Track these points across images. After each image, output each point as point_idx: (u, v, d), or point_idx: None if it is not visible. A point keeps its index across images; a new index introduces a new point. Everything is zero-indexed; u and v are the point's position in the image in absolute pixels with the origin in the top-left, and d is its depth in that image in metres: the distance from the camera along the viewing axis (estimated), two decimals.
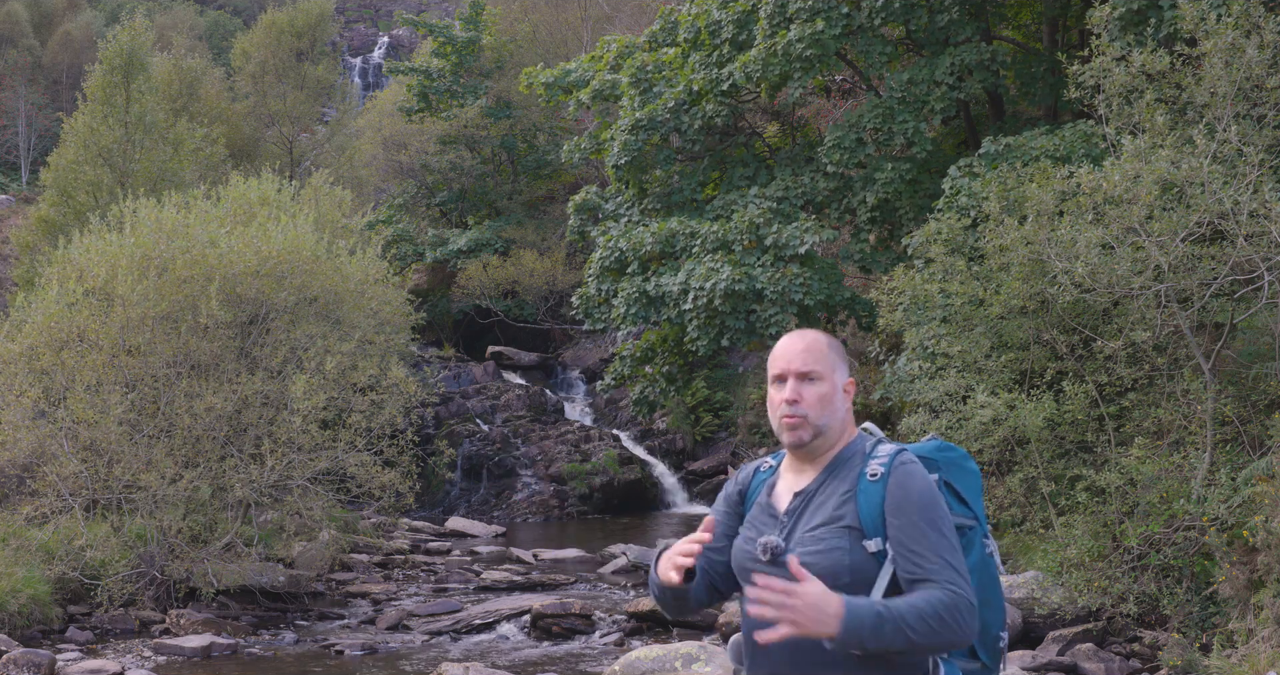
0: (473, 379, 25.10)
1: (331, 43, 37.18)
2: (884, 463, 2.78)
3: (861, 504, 2.75)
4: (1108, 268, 9.94)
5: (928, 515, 2.71)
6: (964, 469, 2.90)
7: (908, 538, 2.69)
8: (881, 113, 15.05)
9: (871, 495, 2.75)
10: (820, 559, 2.72)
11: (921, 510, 2.71)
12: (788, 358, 2.85)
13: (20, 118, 42.21)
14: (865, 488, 2.76)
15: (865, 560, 2.72)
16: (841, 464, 2.84)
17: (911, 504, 2.72)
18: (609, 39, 21.22)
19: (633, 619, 12.24)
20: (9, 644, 10.93)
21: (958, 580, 2.66)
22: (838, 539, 2.74)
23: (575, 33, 32.97)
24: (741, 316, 14.97)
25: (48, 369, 13.23)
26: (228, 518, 13.22)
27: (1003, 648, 2.89)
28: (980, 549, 2.86)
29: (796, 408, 2.81)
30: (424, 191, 31.03)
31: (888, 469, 2.77)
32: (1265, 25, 9.96)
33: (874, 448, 2.85)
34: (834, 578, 2.69)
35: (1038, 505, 11.07)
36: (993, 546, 2.90)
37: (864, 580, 2.71)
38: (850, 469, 2.82)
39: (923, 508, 2.72)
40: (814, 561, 2.71)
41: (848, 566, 2.71)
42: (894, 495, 2.73)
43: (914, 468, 2.78)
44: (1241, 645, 8.74)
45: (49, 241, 20.00)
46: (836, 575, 2.70)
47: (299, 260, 14.12)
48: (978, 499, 2.91)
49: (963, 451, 2.94)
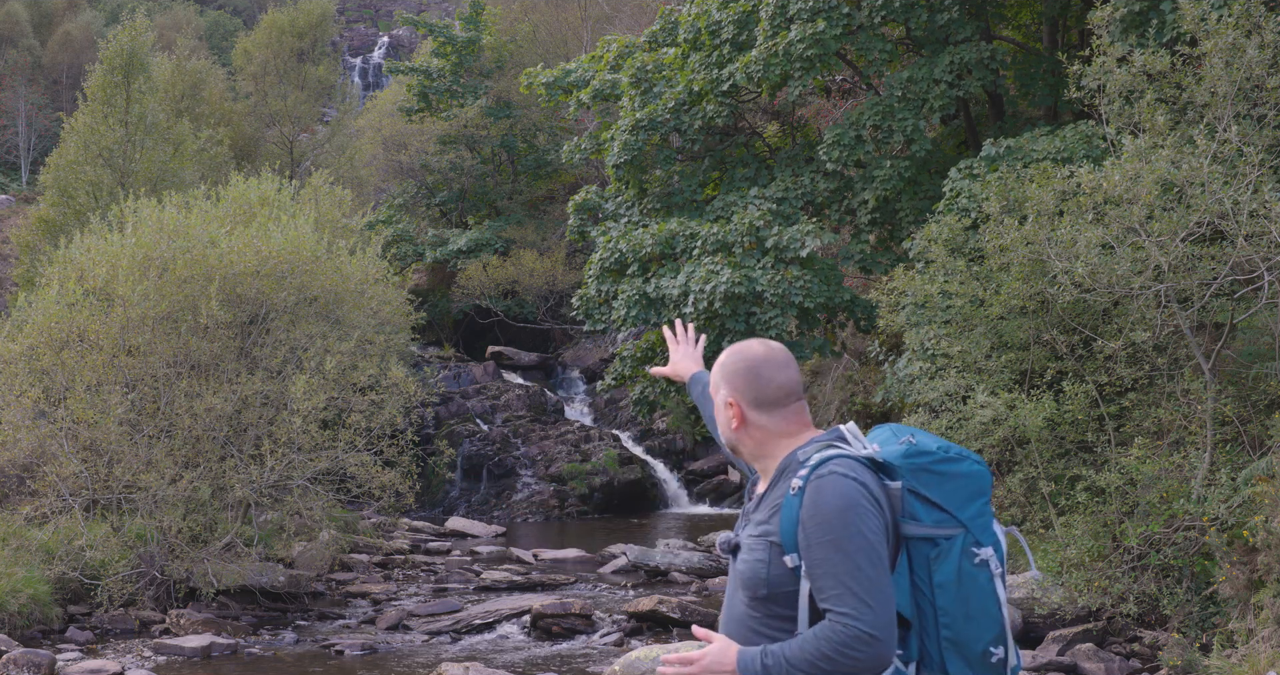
0: (473, 379, 25.10)
1: (332, 43, 37.18)
2: (804, 475, 2.68)
3: (783, 518, 2.70)
4: (1108, 268, 9.94)
5: (832, 535, 2.60)
6: (941, 473, 2.74)
7: (810, 559, 2.63)
8: (881, 111, 15.05)
9: (790, 510, 2.68)
10: (746, 569, 2.76)
11: (825, 529, 2.61)
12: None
13: (20, 118, 42.21)
14: (788, 501, 2.70)
15: (784, 575, 2.69)
16: (780, 473, 2.79)
17: (816, 523, 2.62)
18: (609, 39, 21.21)
19: (633, 619, 12.24)
20: (9, 644, 10.93)
21: (856, 608, 2.55)
22: (762, 551, 2.73)
23: (575, 33, 32.97)
24: (741, 319, 14.97)
25: (48, 369, 13.23)
26: (228, 518, 13.22)
27: (997, 663, 2.72)
28: (959, 560, 2.70)
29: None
30: (424, 191, 31.03)
31: (804, 482, 2.68)
32: (1266, 25, 9.96)
33: (809, 456, 2.73)
34: (754, 589, 2.74)
35: (1038, 505, 11.07)
36: (987, 554, 2.72)
37: (784, 595, 2.70)
38: (785, 479, 2.76)
39: (827, 527, 2.61)
40: (742, 570, 2.77)
41: (765, 580, 2.71)
42: (805, 511, 2.65)
43: (827, 481, 2.65)
44: (1241, 645, 8.74)
45: (49, 241, 20.01)
46: (755, 587, 2.73)
47: (299, 260, 14.12)
48: (967, 504, 2.73)
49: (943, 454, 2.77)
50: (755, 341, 2.91)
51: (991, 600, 2.72)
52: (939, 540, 2.71)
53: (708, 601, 12.78)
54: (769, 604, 2.72)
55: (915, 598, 2.72)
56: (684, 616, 11.83)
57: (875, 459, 2.74)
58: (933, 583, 2.70)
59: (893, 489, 2.72)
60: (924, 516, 2.72)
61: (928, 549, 2.71)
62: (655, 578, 15.04)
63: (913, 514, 2.72)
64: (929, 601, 2.71)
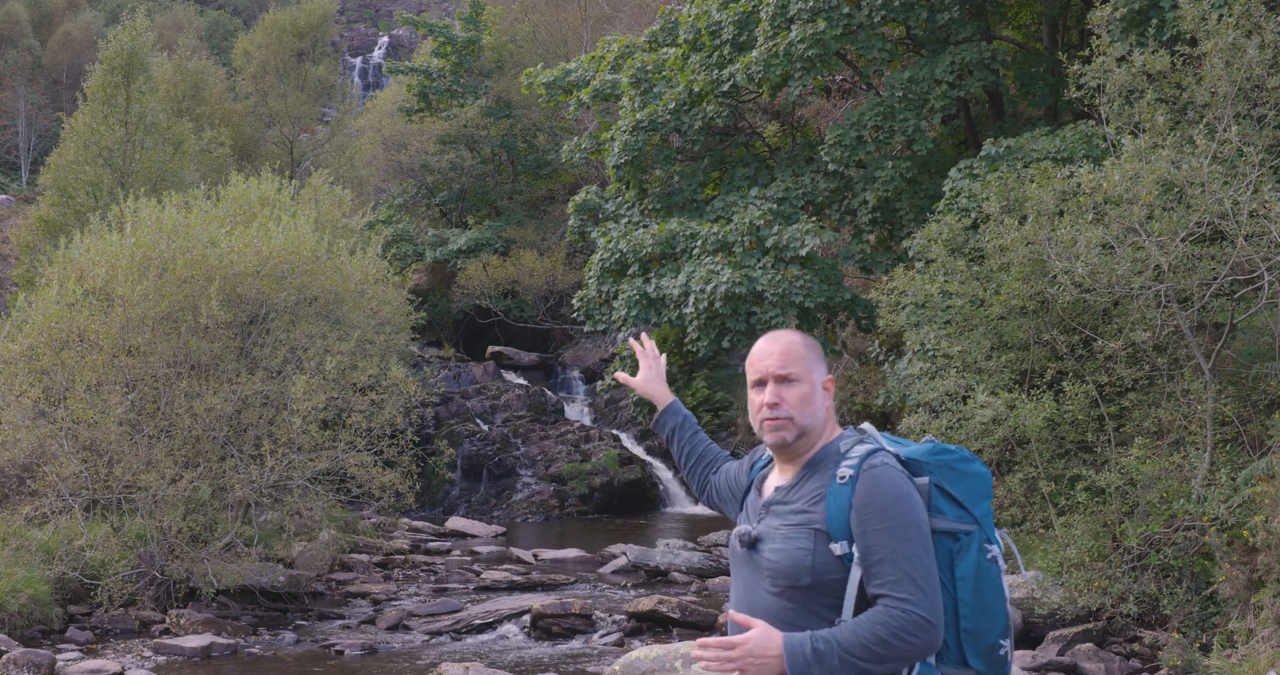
0: (473, 379, 25.10)
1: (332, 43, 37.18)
2: (854, 465, 2.74)
3: (830, 506, 2.73)
4: (1108, 268, 9.94)
5: (889, 522, 2.66)
6: (961, 472, 2.84)
7: (868, 546, 2.67)
8: (882, 111, 15.05)
9: (839, 498, 2.72)
10: (784, 558, 2.75)
11: (883, 517, 2.67)
12: (765, 362, 2.89)
13: (20, 118, 42.21)
14: (834, 490, 2.74)
15: (830, 563, 2.71)
16: (817, 463, 2.83)
17: (874, 510, 2.68)
18: (609, 39, 21.22)
19: (633, 619, 12.24)
20: (9, 644, 10.92)
21: (913, 594, 2.62)
22: (803, 540, 2.74)
23: (575, 33, 32.98)
24: (742, 318, 14.97)
25: (48, 369, 13.23)
26: (228, 518, 13.22)
27: (1004, 656, 2.82)
28: (977, 555, 2.79)
29: (779, 411, 2.85)
30: (424, 191, 31.04)
31: (856, 472, 2.73)
32: (1266, 25, 9.96)
33: (850, 448, 2.80)
34: (795, 578, 2.73)
35: (1038, 505, 11.06)
36: (996, 551, 2.82)
37: (828, 582, 2.72)
38: (825, 469, 2.80)
39: (885, 514, 2.67)
40: (778, 560, 2.75)
41: (810, 567, 2.72)
42: (860, 499, 2.70)
43: (882, 471, 2.72)
44: (1241, 645, 8.74)
45: (49, 241, 20.01)
46: (798, 576, 2.73)
47: (299, 260, 14.12)
48: (980, 502, 2.83)
49: (963, 453, 2.88)
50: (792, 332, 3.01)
51: (1000, 595, 2.82)
52: (960, 535, 2.79)
53: (708, 601, 12.78)
54: (809, 593, 2.72)
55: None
56: (684, 616, 11.84)
57: (900, 456, 2.81)
58: (955, 576, 2.77)
59: (920, 485, 2.79)
60: (948, 511, 2.80)
61: (950, 543, 2.78)
62: (655, 578, 15.04)
63: (938, 509, 2.79)
64: (950, 595, 2.77)
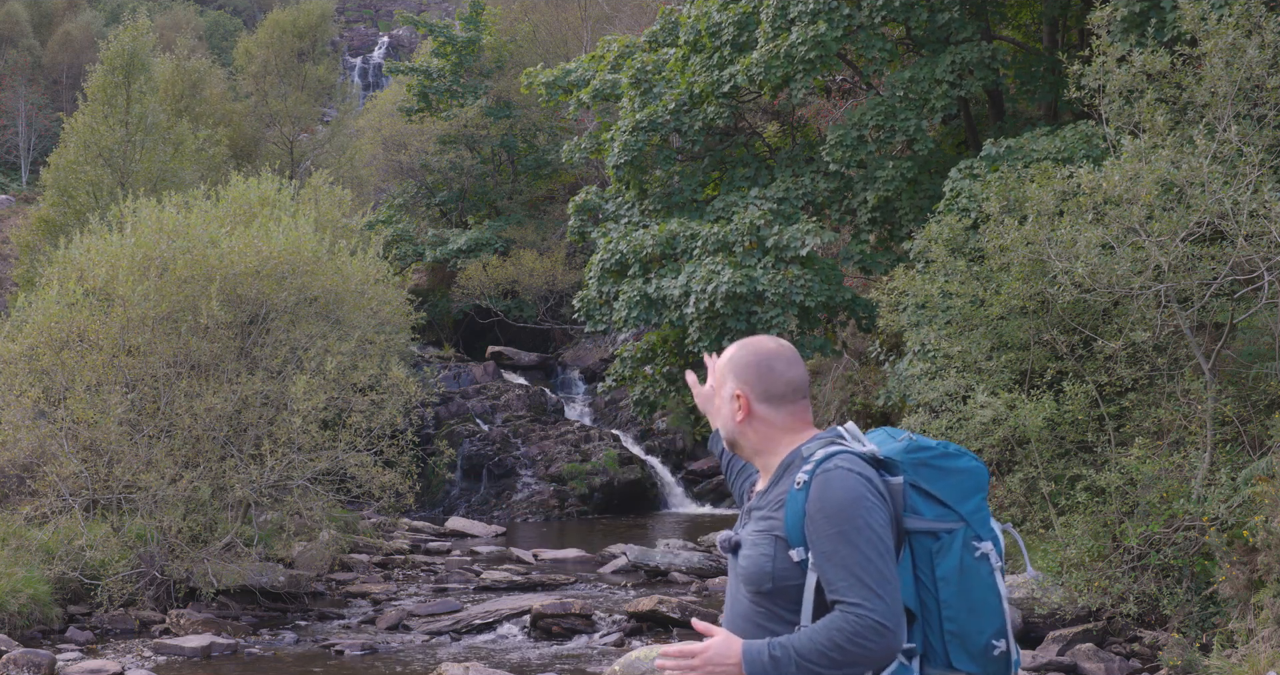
0: (473, 379, 25.10)
1: (332, 43, 37.19)
2: (810, 470, 2.72)
3: (788, 512, 2.72)
4: (1108, 268, 9.94)
5: (840, 526, 2.63)
6: (942, 468, 2.79)
7: (820, 551, 2.65)
8: (883, 111, 15.05)
9: (795, 503, 2.71)
10: (750, 564, 2.77)
11: (833, 521, 2.64)
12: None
13: (20, 118, 42.20)
14: (792, 496, 2.73)
15: (790, 569, 2.71)
16: (784, 469, 2.82)
17: (825, 515, 2.65)
18: (609, 39, 21.20)
19: (633, 619, 12.24)
20: (9, 644, 10.93)
21: (867, 598, 2.58)
22: (766, 546, 2.75)
23: (575, 33, 32.97)
24: (743, 318, 14.97)
25: (48, 369, 13.23)
26: (228, 518, 13.22)
27: (1001, 655, 2.75)
28: (961, 553, 2.74)
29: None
30: (424, 191, 31.03)
31: (810, 476, 2.71)
32: (1266, 25, 9.96)
33: (814, 452, 2.77)
34: (758, 584, 2.75)
35: (1038, 505, 11.07)
36: (988, 548, 2.76)
37: (789, 589, 2.72)
38: (790, 475, 2.79)
39: (835, 519, 2.64)
40: (746, 566, 2.78)
41: (770, 574, 2.72)
42: (812, 505, 2.68)
43: (834, 475, 2.68)
44: (1241, 645, 8.74)
45: (49, 241, 20.00)
46: (760, 582, 2.74)
47: (299, 260, 14.12)
48: (966, 499, 2.78)
49: (947, 449, 2.82)
50: (766, 337, 2.95)
51: (992, 593, 2.76)
52: (940, 534, 2.75)
53: (708, 601, 12.78)
54: (773, 598, 2.74)
55: (918, 591, 2.75)
56: (684, 616, 11.83)
57: (876, 456, 2.78)
58: (935, 576, 2.74)
59: (894, 484, 2.75)
60: (925, 511, 2.76)
61: (929, 543, 2.75)
62: (655, 578, 15.05)
63: (914, 508, 2.76)
64: (932, 595, 2.74)
